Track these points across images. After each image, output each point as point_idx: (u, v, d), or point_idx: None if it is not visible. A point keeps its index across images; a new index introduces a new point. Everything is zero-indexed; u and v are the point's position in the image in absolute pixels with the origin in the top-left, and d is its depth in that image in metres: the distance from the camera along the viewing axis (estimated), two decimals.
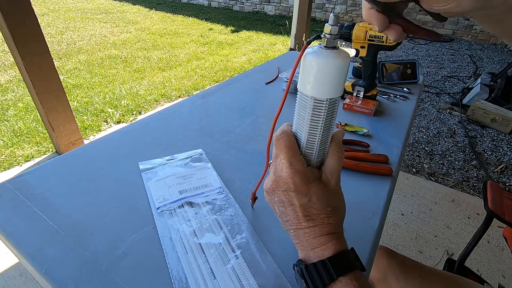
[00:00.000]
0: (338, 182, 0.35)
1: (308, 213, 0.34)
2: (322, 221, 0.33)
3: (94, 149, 0.62)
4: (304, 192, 0.33)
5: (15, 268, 1.28)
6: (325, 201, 0.33)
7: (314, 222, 0.33)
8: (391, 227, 1.55)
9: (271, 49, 4.50)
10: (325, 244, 0.33)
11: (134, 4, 7.65)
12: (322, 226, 0.33)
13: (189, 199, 0.49)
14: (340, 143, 0.36)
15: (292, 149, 0.34)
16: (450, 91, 3.15)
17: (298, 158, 0.34)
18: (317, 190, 0.33)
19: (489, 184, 0.87)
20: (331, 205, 0.34)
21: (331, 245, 0.33)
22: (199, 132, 0.69)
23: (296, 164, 0.33)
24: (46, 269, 0.38)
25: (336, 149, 0.35)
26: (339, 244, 0.33)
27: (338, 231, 0.34)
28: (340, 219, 0.35)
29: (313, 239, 0.33)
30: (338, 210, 0.35)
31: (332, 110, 0.33)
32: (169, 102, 2.87)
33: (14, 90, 2.84)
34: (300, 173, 0.33)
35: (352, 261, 0.33)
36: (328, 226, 0.33)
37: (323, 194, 0.33)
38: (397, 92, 0.95)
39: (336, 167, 0.35)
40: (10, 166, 1.88)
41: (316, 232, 0.33)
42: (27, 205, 0.47)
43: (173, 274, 0.38)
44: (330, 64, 0.30)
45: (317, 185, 0.34)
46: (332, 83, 0.31)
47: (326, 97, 0.32)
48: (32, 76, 1.63)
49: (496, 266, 1.37)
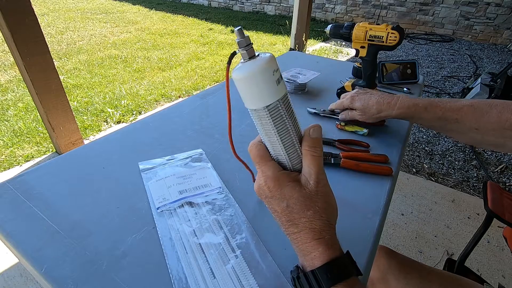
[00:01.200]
0: (319, 183, 0.33)
1: (290, 218, 0.33)
2: (304, 226, 0.32)
3: (94, 149, 0.62)
4: (279, 196, 0.33)
5: (15, 268, 1.28)
6: (303, 204, 0.32)
7: (297, 228, 0.32)
8: (391, 227, 1.55)
9: (271, 49, 4.50)
10: (313, 253, 0.32)
11: (134, 4, 7.65)
12: (306, 231, 0.32)
13: (189, 199, 0.49)
14: (313, 141, 0.34)
15: (261, 157, 0.35)
16: (450, 91, 3.15)
17: (269, 164, 0.34)
18: (292, 193, 0.32)
19: (489, 184, 0.87)
20: (312, 209, 0.32)
21: (318, 254, 0.31)
22: (199, 132, 0.69)
23: (267, 171, 0.34)
24: (46, 269, 0.38)
25: (307, 148, 0.33)
26: (327, 251, 0.31)
27: (325, 236, 0.32)
28: (325, 222, 0.32)
29: (302, 246, 0.33)
30: (322, 213, 0.32)
31: (277, 114, 0.32)
32: (169, 102, 2.87)
33: (14, 90, 2.84)
34: (272, 179, 0.33)
35: (345, 269, 0.31)
36: (312, 232, 0.32)
37: (299, 197, 0.32)
38: (397, 92, 0.95)
39: (311, 168, 0.33)
40: (10, 166, 1.88)
41: (302, 239, 0.32)
42: (27, 205, 0.47)
43: (173, 274, 0.38)
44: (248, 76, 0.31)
45: (292, 188, 0.33)
46: (260, 91, 0.31)
47: (263, 106, 0.32)
48: (32, 76, 1.63)
49: (496, 266, 1.37)
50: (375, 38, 0.76)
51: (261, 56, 0.32)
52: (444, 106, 0.57)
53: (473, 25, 5.08)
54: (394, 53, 4.40)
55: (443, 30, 5.37)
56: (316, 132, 0.34)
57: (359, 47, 0.81)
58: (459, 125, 0.56)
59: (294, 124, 0.34)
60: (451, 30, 5.30)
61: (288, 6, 6.81)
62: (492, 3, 4.77)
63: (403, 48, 4.71)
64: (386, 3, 5.69)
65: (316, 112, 0.79)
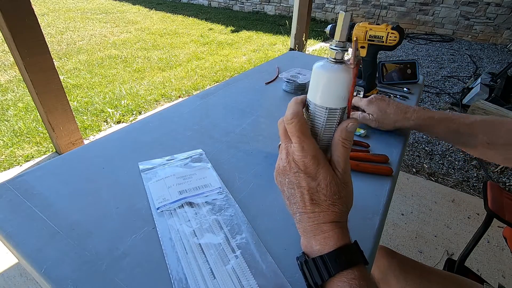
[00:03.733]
0: (346, 172, 0.35)
1: (315, 197, 0.34)
2: (327, 208, 0.33)
3: (94, 149, 0.62)
4: (313, 175, 0.34)
5: (15, 268, 1.28)
6: (333, 188, 0.33)
7: (319, 208, 0.34)
8: (391, 227, 1.55)
9: (271, 49, 4.50)
10: (327, 232, 0.33)
11: (134, 4, 7.65)
12: (327, 213, 0.33)
13: (189, 199, 0.49)
14: (348, 134, 0.35)
15: (303, 133, 0.34)
16: (450, 91, 3.15)
17: (310, 141, 0.34)
18: (326, 175, 0.33)
19: (489, 184, 0.87)
20: (338, 193, 0.34)
21: (333, 234, 0.33)
22: (199, 132, 0.69)
23: (307, 147, 0.34)
24: (45, 270, 0.38)
25: (341, 139, 0.34)
26: (341, 235, 0.33)
27: (343, 220, 0.34)
28: (346, 209, 0.35)
29: (316, 226, 0.34)
30: (345, 200, 0.34)
31: (332, 118, 0.35)
32: (169, 102, 2.87)
33: (14, 90, 2.84)
34: (311, 157, 0.33)
35: (353, 256, 0.32)
36: (333, 214, 0.33)
37: (332, 181, 0.33)
38: (397, 92, 0.95)
39: (340, 157, 0.34)
40: (10, 166, 1.88)
41: (320, 218, 0.34)
42: (26, 205, 0.47)
43: (173, 275, 0.38)
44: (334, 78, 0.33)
45: (327, 170, 0.34)
46: (334, 94, 0.33)
47: (326, 106, 0.34)
48: (32, 76, 1.63)
49: (496, 266, 1.37)
50: (375, 38, 0.76)
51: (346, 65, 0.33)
52: (458, 120, 0.60)
53: (473, 25, 5.08)
54: (394, 53, 4.40)
55: (443, 30, 5.37)
56: (353, 127, 0.35)
57: (359, 47, 0.81)
58: (471, 139, 0.59)
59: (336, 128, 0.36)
60: (451, 30, 5.30)
61: (288, 6, 6.80)
62: (492, 3, 4.77)
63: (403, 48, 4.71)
64: (386, 3, 5.69)
65: None
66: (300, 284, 0.38)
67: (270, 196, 0.52)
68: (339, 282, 0.30)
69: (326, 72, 0.33)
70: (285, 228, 0.46)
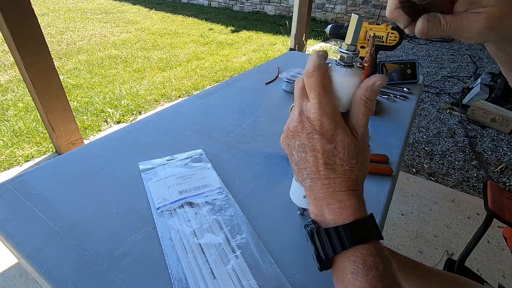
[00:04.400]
0: (364, 137, 0.31)
1: (330, 161, 0.30)
2: (344, 174, 0.30)
3: (94, 149, 0.62)
4: (330, 137, 0.30)
5: (15, 268, 1.27)
6: (351, 152, 0.30)
7: (335, 173, 0.30)
8: (391, 227, 1.55)
9: (271, 49, 4.50)
10: (343, 202, 0.30)
11: (134, 4, 7.65)
12: (343, 179, 0.30)
13: (189, 199, 0.49)
14: (373, 93, 0.30)
15: (325, 88, 0.30)
16: (450, 91, 3.15)
17: (330, 99, 0.30)
18: (344, 137, 0.30)
19: (489, 184, 0.87)
20: (356, 158, 0.30)
21: (350, 204, 0.30)
22: (199, 132, 0.69)
23: (326, 106, 0.30)
24: (45, 270, 0.38)
25: (364, 98, 0.30)
26: (358, 206, 0.30)
27: (359, 189, 0.31)
28: (363, 176, 0.31)
29: (331, 194, 0.30)
30: (362, 166, 0.31)
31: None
32: (169, 102, 2.87)
33: (14, 90, 2.84)
34: (329, 116, 0.30)
35: (369, 230, 0.29)
36: (349, 181, 0.30)
37: (350, 144, 0.30)
38: (397, 92, 0.95)
39: (360, 118, 0.31)
40: (10, 166, 1.88)
41: (335, 186, 0.30)
42: (26, 205, 0.47)
43: (173, 275, 0.38)
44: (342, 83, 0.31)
45: (346, 132, 0.30)
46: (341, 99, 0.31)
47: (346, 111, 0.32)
48: (32, 76, 1.63)
49: (496, 266, 1.37)
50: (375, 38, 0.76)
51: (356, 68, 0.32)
52: None
53: None
54: (394, 53, 4.40)
55: None
56: (380, 85, 0.30)
57: (359, 47, 0.81)
58: None
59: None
60: None
61: (288, 6, 6.80)
62: None
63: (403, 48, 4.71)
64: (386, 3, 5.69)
65: None
66: (300, 284, 0.38)
67: (270, 196, 0.52)
68: (352, 257, 0.28)
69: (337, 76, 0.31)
70: (285, 228, 0.46)
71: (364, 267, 0.27)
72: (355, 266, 0.28)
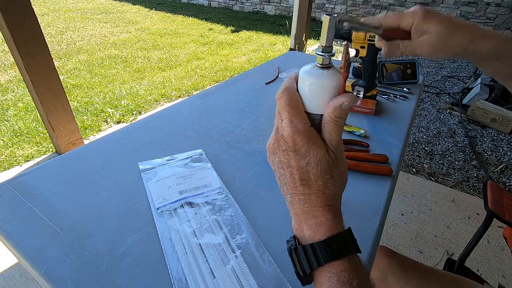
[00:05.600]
0: (339, 150, 0.32)
1: (304, 177, 0.31)
2: (318, 189, 0.31)
3: (94, 149, 0.62)
4: (303, 153, 0.31)
5: (15, 268, 1.27)
6: (323, 167, 0.31)
7: (310, 189, 0.31)
8: (391, 227, 1.55)
9: (271, 49, 4.50)
10: (319, 218, 0.31)
11: (134, 4, 7.65)
12: (318, 195, 0.31)
13: (189, 199, 0.49)
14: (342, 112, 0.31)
15: (294, 108, 0.32)
16: (450, 91, 3.15)
17: (301, 117, 0.31)
18: (317, 153, 0.31)
19: (489, 184, 0.87)
20: (330, 173, 0.31)
21: (325, 221, 0.31)
22: (199, 132, 0.69)
23: (298, 123, 0.31)
24: (45, 270, 0.38)
25: (332, 117, 0.31)
26: (333, 222, 0.31)
27: (335, 204, 0.32)
28: (339, 190, 0.32)
29: (307, 209, 0.32)
30: (338, 179, 0.32)
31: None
32: (169, 102, 2.87)
33: (14, 90, 2.84)
34: (301, 133, 0.31)
35: (345, 245, 0.30)
36: (324, 196, 0.31)
37: (323, 160, 0.31)
38: (397, 92, 0.95)
39: (332, 135, 0.32)
40: (10, 166, 1.88)
41: (311, 202, 0.31)
42: (26, 205, 0.47)
43: (173, 275, 0.38)
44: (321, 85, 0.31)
45: (318, 147, 0.31)
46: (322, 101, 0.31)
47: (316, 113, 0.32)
48: (32, 76, 1.63)
49: (496, 266, 1.37)
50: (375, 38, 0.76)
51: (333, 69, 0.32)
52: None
53: None
54: None
55: None
56: (348, 105, 0.31)
57: (359, 47, 0.81)
58: None
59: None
60: None
61: (288, 6, 6.81)
62: (492, 3, 4.77)
63: None
64: (386, 3, 5.69)
65: None
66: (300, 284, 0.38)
67: (270, 196, 0.52)
68: (328, 273, 0.29)
69: (313, 79, 0.31)
70: (285, 228, 0.46)
71: (339, 283, 0.28)
72: (330, 283, 0.29)
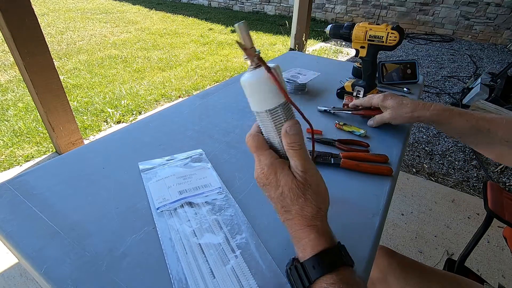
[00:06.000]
0: (307, 172, 0.34)
1: (284, 204, 0.34)
2: (297, 213, 0.34)
3: (94, 149, 0.62)
4: (275, 184, 0.34)
5: (15, 268, 1.28)
6: (295, 192, 0.33)
7: (291, 215, 0.34)
8: (391, 227, 1.55)
9: (271, 49, 4.50)
10: (304, 239, 0.33)
11: (134, 4, 7.65)
12: (298, 219, 0.34)
13: (189, 199, 0.49)
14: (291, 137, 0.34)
15: (258, 147, 0.36)
16: (450, 91, 3.15)
17: (266, 153, 0.36)
18: (286, 181, 0.34)
19: (489, 184, 0.87)
20: (303, 196, 0.33)
21: (308, 241, 0.33)
22: (199, 132, 0.69)
23: (264, 159, 0.35)
24: (45, 270, 0.38)
25: (287, 146, 0.34)
26: (317, 241, 0.32)
27: (316, 223, 0.33)
28: (316, 209, 0.34)
29: (294, 233, 0.34)
30: (313, 200, 0.34)
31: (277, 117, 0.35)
32: (169, 102, 2.87)
33: (14, 90, 2.84)
34: (268, 166, 0.35)
35: (334, 259, 0.32)
36: (303, 219, 0.33)
37: (292, 185, 0.33)
38: (397, 92, 0.95)
39: (295, 160, 0.34)
40: (10, 166, 1.88)
41: (295, 225, 0.34)
42: (26, 205, 0.47)
43: (173, 275, 0.38)
44: (254, 83, 0.34)
45: (286, 175, 0.34)
46: (264, 96, 0.34)
47: (265, 109, 0.35)
48: (32, 76, 1.63)
49: (496, 266, 1.37)
50: (375, 38, 0.76)
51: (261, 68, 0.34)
52: (477, 115, 0.57)
53: (473, 25, 5.08)
54: (394, 53, 4.40)
55: (443, 30, 5.37)
56: (292, 129, 0.34)
57: (359, 47, 0.81)
58: (490, 136, 0.56)
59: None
60: (451, 30, 5.30)
61: (288, 6, 6.80)
62: (492, 3, 4.76)
63: (403, 48, 4.71)
64: (386, 3, 5.69)
65: (326, 109, 0.79)
66: None
67: None
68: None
69: (246, 80, 0.34)
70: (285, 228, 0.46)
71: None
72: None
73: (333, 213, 0.47)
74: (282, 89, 0.34)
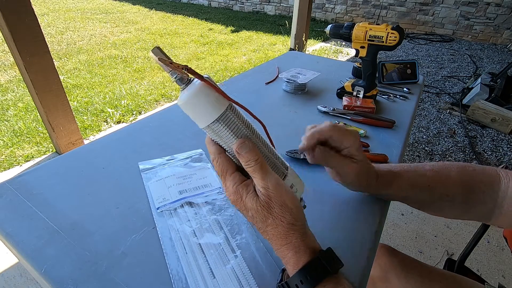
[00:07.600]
0: (268, 187, 0.32)
1: (258, 226, 0.34)
2: (271, 233, 0.33)
3: (94, 149, 0.62)
4: (244, 208, 0.34)
5: (15, 268, 1.28)
6: (262, 214, 0.32)
7: (267, 235, 0.33)
8: (391, 227, 1.55)
9: (271, 49, 4.50)
10: (284, 258, 0.33)
11: (134, 4, 7.65)
12: (273, 238, 0.33)
13: (189, 199, 0.49)
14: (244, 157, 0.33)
15: (222, 172, 0.35)
16: (450, 91, 3.15)
17: (229, 178, 0.34)
18: (252, 204, 0.33)
19: None
20: (271, 216, 0.32)
21: (288, 260, 0.32)
22: (199, 132, 0.68)
23: (229, 185, 0.34)
24: (45, 269, 0.38)
25: (243, 166, 0.33)
26: (295, 258, 0.32)
27: (292, 240, 0.32)
28: (288, 226, 0.32)
29: (276, 252, 0.34)
30: (281, 218, 0.32)
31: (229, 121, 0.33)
32: (169, 102, 2.87)
33: (14, 90, 2.84)
34: (233, 193, 0.34)
35: (316, 272, 0.31)
36: (279, 238, 0.33)
37: (258, 208, 0.32)
38: (397, 92, 0.95)
39: (254, 177, 0.33)
40: (10, 166, 1.88)
41: (275, 245, 0.33)
42: (27, 205, 0.47)
43: (173, 274, 0.38)
44: (188, 102, 0.32)
45: (251, 199, 0.33)
46: (204, 109, 0.32)
47: (212, 120, 0.33)
48: (32, 76, 1.63)
49: (496, 266, 1.37)
50: (375, 38, 0.76)
51: (194, 82, 0.33)
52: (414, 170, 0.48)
53: (473, 25, 5.08)
54: (394, 53, 4.40)
55: (443, 30, 5.37)
56: (242, 148, 0.33)
57: (359, 47, 0.81)
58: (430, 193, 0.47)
59: (249, 127, 0.35)
60: (451, 30, 5.30)
61: (288, 6, 6.80)
62: (492, 3, 4.77)
63: (403, 48, 4.71)
64: (386, 3, 5.69)
65: (326, 111, 0.79)
66: None
67: None
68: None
69: (184, 99, 0.32)
70: None
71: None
72: None
73: (333, 213, 0.47)
74: (222, 92, 0.32)
